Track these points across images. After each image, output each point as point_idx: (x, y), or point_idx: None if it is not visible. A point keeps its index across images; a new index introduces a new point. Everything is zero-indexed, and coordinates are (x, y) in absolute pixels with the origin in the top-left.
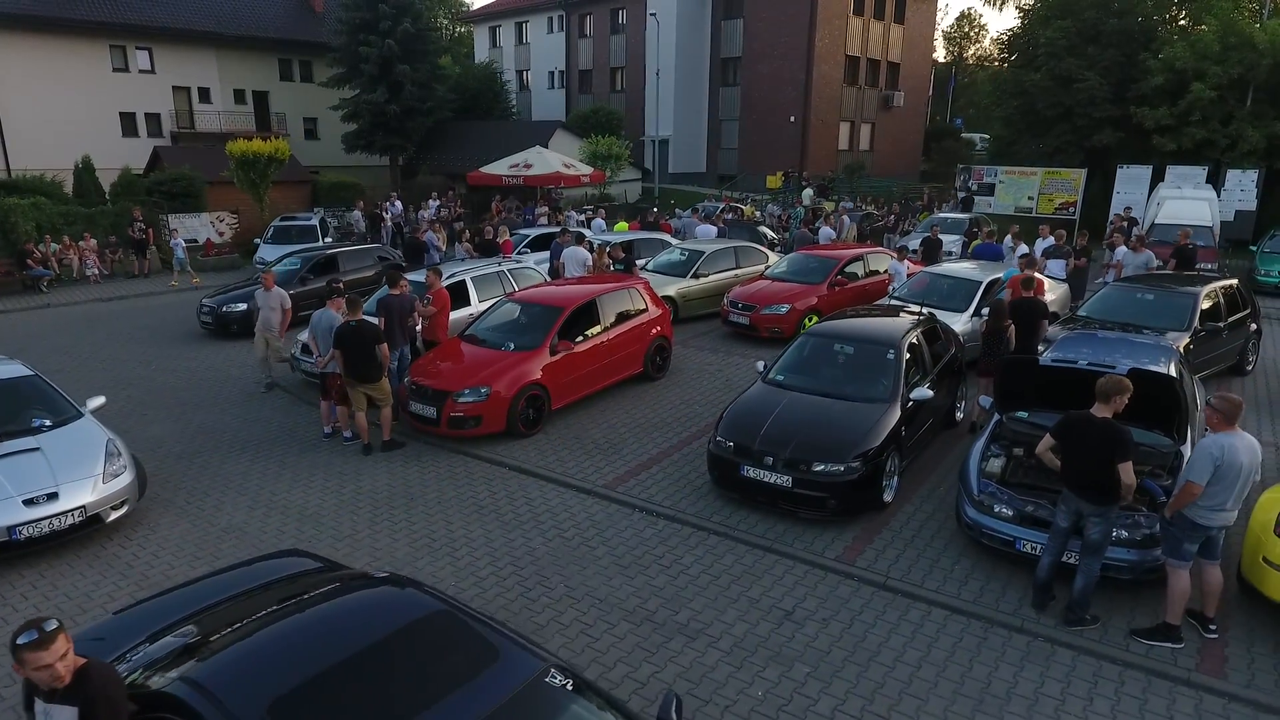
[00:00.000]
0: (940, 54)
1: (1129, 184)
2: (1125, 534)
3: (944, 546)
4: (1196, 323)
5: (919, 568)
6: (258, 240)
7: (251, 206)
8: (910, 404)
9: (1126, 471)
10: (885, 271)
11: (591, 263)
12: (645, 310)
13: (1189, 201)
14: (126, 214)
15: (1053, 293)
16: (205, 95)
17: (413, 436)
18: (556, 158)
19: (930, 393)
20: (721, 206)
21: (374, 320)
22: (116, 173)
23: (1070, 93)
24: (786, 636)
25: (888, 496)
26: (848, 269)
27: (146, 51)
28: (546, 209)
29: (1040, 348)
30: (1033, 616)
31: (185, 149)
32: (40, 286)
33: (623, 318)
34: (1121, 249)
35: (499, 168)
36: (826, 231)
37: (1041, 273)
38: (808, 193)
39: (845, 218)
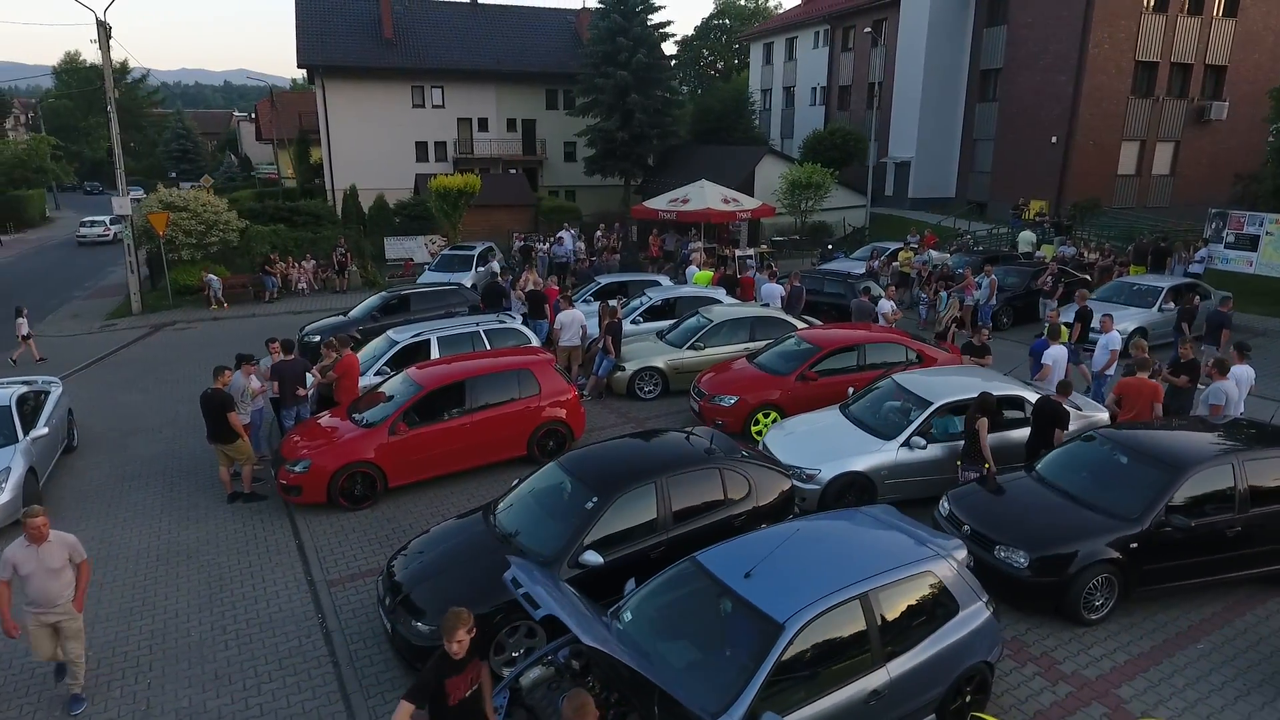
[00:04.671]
0: None
1: None
2: None
3: None
4: (1161, 513)
5: None
6: (426, 266)
7: (474, 230)
8: (581, 569)
9: None
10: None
11: (587, 325)
12: (536, 393)
13: None
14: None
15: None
16: (483, 125)
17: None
18: (716, 193)
19: (599, 559)
20: (898, 246)
21: (228, 391)
22: (405, 194)
23: None
24: None
25: None
26: (832, 360)
27: (440, 89)
28: (699, 246)
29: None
30: None
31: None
32: (268, 296)
33: (500, 400)
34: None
35: (659, 202)
36: (885, 305)
37: None
38: (1026, 235)
39: (986, 277)
